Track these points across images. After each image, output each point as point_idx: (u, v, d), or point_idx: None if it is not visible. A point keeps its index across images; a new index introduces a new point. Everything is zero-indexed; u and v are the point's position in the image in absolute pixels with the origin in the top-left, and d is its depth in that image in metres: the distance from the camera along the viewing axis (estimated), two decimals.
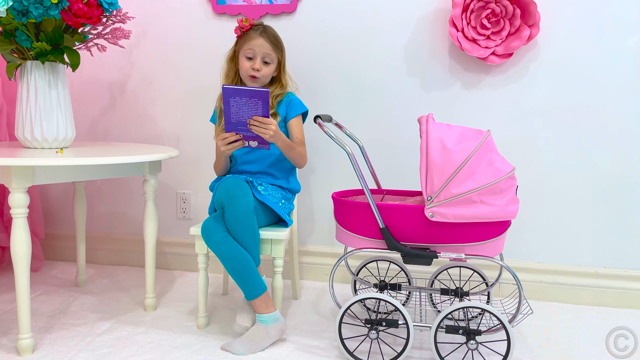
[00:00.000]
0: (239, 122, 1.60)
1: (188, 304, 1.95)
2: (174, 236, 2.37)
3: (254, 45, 1.76)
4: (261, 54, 1.76)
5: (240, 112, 1.58)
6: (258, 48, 1.76)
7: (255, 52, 1.76)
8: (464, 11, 1.92)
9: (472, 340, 1.44)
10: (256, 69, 1.75)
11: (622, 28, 1.92)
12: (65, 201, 2.46)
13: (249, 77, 1.78)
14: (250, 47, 1.76)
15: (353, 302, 1.52)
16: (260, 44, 1.76)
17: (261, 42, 1.76)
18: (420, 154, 1.46)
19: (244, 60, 1.77)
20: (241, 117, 1.58)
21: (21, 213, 1.47)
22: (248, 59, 1.77)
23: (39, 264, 2.29)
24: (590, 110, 1.98)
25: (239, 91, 1.55)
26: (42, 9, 1.56)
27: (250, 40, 1.76)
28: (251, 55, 1.76)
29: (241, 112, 1.58)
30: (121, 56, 2.30)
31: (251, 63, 1.76)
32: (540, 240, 2.07)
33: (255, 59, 1.76)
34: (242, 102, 1.56)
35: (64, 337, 1.66)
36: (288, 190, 1.84)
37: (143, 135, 2.34)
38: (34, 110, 1.69)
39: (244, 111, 1.58)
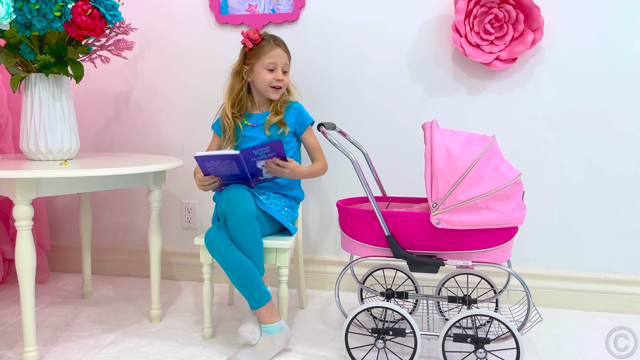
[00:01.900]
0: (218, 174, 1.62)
1: (194, 315, 1.94)
2: (179, 246, 2.37)
3: (274, 56, 1.75)
4: (281, 64, 1.77)
5: (219, 171, 1.60)
6: (279, 59, 1.76)
7: (277, 64, 1.76)
8: (466, 17, 1.92)
9: (481, 349, 1.42)
10: (280, 80, 1.76)
11: (627, 31, 1.90)
12: (71, 212, 2.47)
13: (271, 89, 1.78)
14: (272, 59, 1.75)
15: (359, 311, 1.50)
16: (280, 55, 1.76)
17: (280, 53, 1.77)
18: (425, 161, 1.45)
19: (264, 72, 1.76)
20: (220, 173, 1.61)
21: (26, 225, 1.47)
22: (270, 70, 1.76)
23: (45, 276, 2.29)
24: (596, 114, 1.96)
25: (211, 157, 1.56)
26: (46, 21, 1.56)
27: (269, 51, 1.76)
28: (273, 67, 1.76)
29: (219, 171, 1.60)
30: (125, 67, 2.31)
31: (274, 74, 1.76)
32: (548, 245, 2.05)
33: (277, 70, 1.76)
34: (217, 164, 1.58)
35: (70, 349, 1.65)
36: (291, 198, 1.83)
37: (148, 146, 2.35)
38: (38, 122, 1.70)
39: (222, 170, 1.60)
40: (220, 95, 2.16)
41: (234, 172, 1.60)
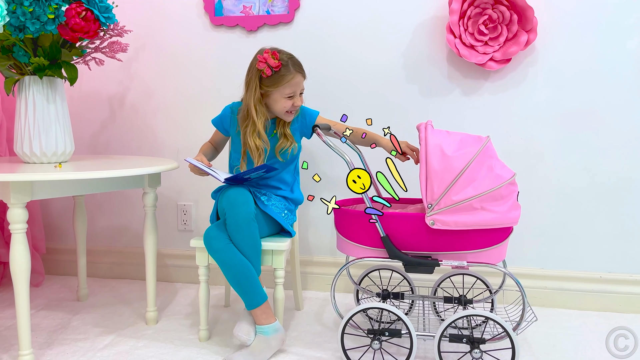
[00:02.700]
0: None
1: (190, 317, 1.94)
2: (175, 248, 2.36)
3: (294, 85, 1.67)
4: (300, 90, 1.71)
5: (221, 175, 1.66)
6: (297, 87, 1.69)
7: (297, 92, 1.69)
8: (461, 18, 1.92)
9: (476, 349, 1.42)
10: (297, 106, 1.71)
11: (621, 31, 1.91)
12: (66, 215, 2.46)
13: (286, 114, 1.72)
14: (292, 88, 1.67)
15: (355, 312, 1.50)
16: (299, 82, 1.69)
17: (299, 80, 1.69)
18: (420, 162, 1.45)
19: (283, 100, 1.68)
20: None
21: (20, 228, 1.47)
22: (289, 97, 1.68)
23: (40, 279, 2.28)
24: (591, 114, 1.96)
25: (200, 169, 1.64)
26: (39, 24, 1.56)
27: (290, 80, 1.66)
28: (292, 95, 1.69)
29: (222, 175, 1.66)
30: (120, 69, 2.31)
31: (292, 101, 1.69)
32: (543, 245, 2.05)
33: (295, 97, 1.69)
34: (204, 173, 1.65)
35: (65, 352, 1.64)
36: (291, 201, 1.83)
37: (143, 148, 2.34)
38: (32, 125, 1.69)
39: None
40: (215, 98, 2.17)
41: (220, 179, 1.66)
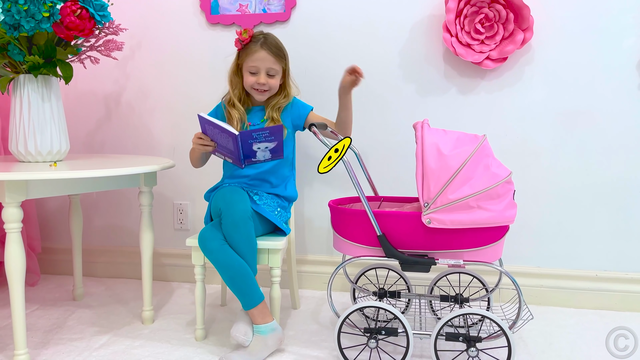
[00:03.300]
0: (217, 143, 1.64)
1: (186, 316, 1.93)
2: (171, 247, 2.36)
3: (256, 59, 1.70)
4: (265, 68, 1.71)
5: (216, 138, 1.61)
6: (261, 62, 1.70)
7: (259, 67, 1.70)
8: (457, 16, 1.92)
9: (473, 348, 1.42)
10: (261, 84, 1.72)
11: (617, 30, 1.91)
12: (62, 214, 2.45)
13: (253, 91, 1.75)
14: (254, 62, 1.70)
15: (351, 311, 1.50)
16: (263, 58, 1.70)
17: (264, 56, 1.70)
18: (416, 160, 1.45)
19: (248, 75, 1.72)
20: (217, 140, 1.62)
21: (15, 228, 1.46)
22: (252, 74, 1.72)
23: (35, 278, 2.27)
24: (587, 113, 1.97)
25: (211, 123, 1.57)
26: (34, 22, 1.55)
27: (253, 54, 1.70)
28: (255, 71, 1.71)
29: (216, 138, 1.61)
30: (116, 68, 2.30)
31: (255, 78, 1.71)
32: (539, 244, 2.06)
33: (259, 74, 1.71)
34: (216, 132, 1.58)
35: (61, 352, 1.64)
36: (284, 198, 1.82)
37: (139, 147, 2.34)
38: (27, 123, 1.68)
39: (218, 139, 1.61)
40: (211, 97, 2.16)
41: (229, 147, 1.59)
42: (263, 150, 1.60)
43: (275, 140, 1.58)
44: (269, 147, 1.60)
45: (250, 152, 1.60)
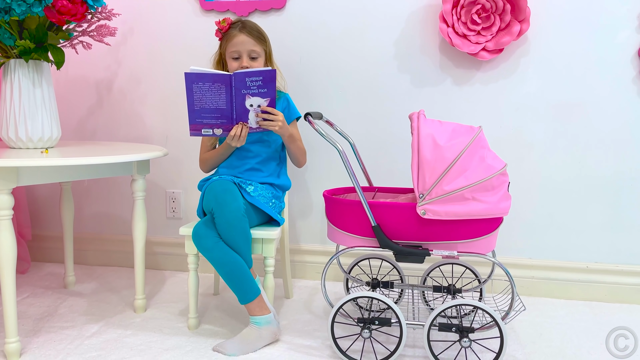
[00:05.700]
0: (202, 109, 1.57)
1: (179, 305, 1.93)
2: (163, 236, 2.34)
3: (237, 43, 1.72)
4: (246, 51, 1.72)
5: (205, 99, 1.56)
6: (241, 46, 1.72)
7: (240, 51, 1.72)
8: (454, 7, 1.91)
9: (465, 338, 1.43)
10: (244, 67, 1.71)
11: (613, 23, 1.91)
12: (52, 202, 2.43)
13: None
14: (234, 47, 1.72)
15: (345, 301, 1.50)
16: (243, 41, 1.72)
17: (243, 39, 1.72)
18: (412, 151, 1.45)
19: (231, 61, 1.74)
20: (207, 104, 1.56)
21: (6, 215, 1.44)
22: (235, 59, 1.73)
23: (26, 266, 2.26)
24: (581, 105, 1.97)
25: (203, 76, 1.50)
26: (25, 6, 1.52)
27: (232, 38, 1.72)
28: (237, 55, 1.73)
29: (205, 99, 1.56)
30: (108, 54, 2.27)
31: (238, 63, 1.73)
32: (531, 235, 2.07)
33: (241, 58, 1.73)
34: (206, 89, 1.53)
35: (52, 340, 1.63)
36: (278, 188, 1.81)
37: (131, 135, 2.31)
38: (18, 109, 1.66)
39: (208, 99, 1.55)
40: None
41: (221, 106, 1.56)
42: (255, 109, 1.58)
43: (268, 96, 1.56)
44: (261, 104, 1.58)
45: (243, 110, 1.57)
